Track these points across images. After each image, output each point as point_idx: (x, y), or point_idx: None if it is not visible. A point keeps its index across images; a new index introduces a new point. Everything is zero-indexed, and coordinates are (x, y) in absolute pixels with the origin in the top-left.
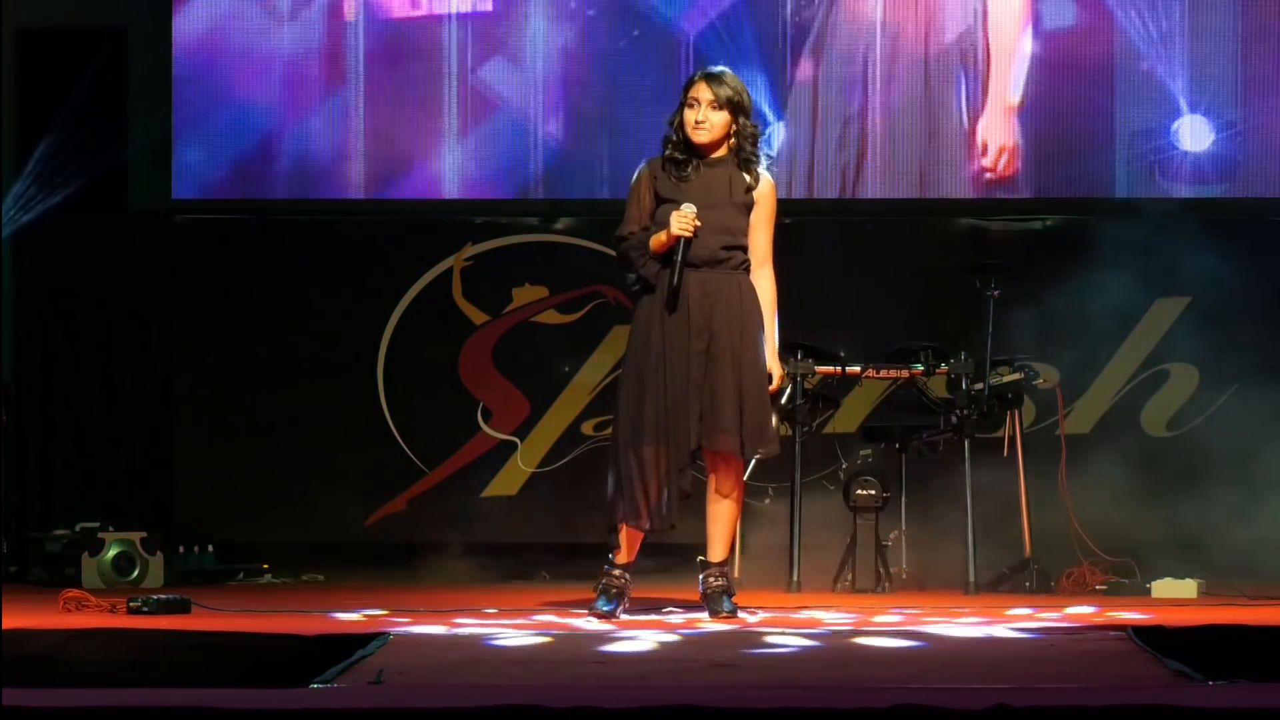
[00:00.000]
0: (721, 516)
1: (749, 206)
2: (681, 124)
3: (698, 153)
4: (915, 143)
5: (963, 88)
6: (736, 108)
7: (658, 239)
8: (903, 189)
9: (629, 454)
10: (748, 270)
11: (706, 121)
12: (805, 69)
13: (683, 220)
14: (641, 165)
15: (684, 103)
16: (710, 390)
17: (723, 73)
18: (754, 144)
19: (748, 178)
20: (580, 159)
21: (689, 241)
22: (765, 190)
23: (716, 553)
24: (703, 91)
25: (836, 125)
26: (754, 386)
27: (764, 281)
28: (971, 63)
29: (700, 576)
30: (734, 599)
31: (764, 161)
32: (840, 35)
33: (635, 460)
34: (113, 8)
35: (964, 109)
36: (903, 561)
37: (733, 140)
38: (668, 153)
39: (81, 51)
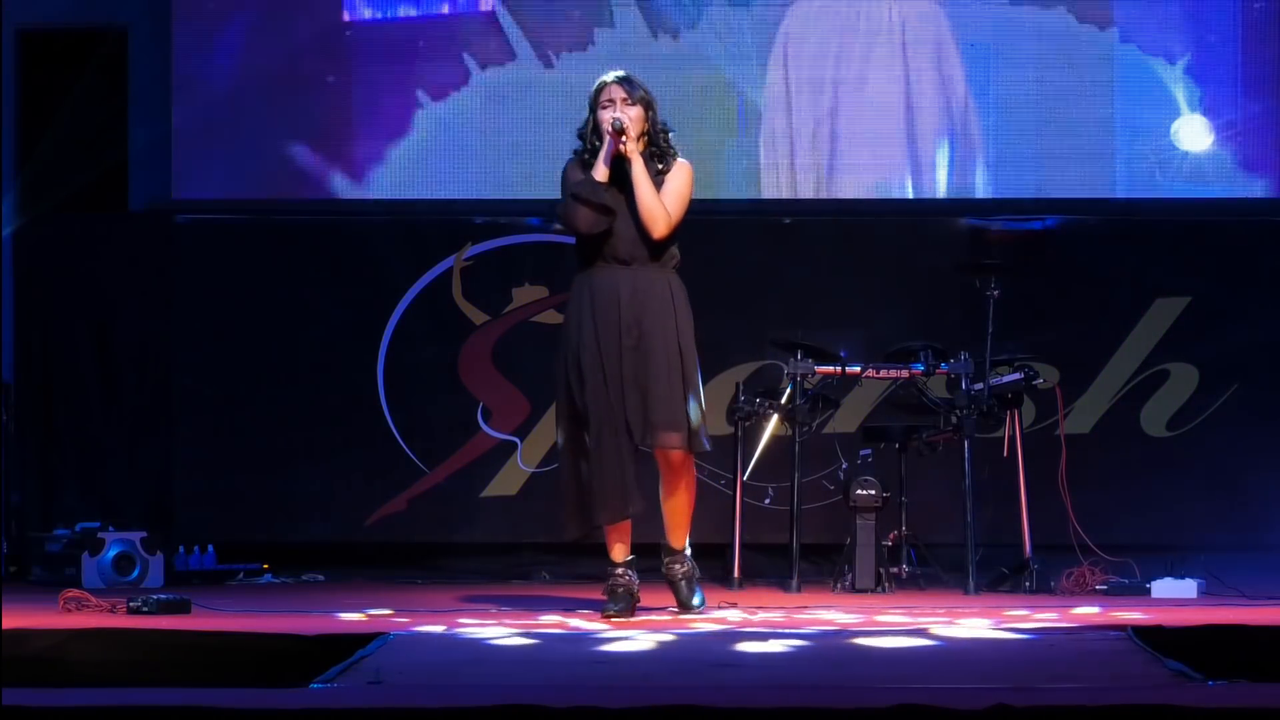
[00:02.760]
0: (676, 509)
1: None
2: (595, 127)
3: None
4: (920, 142)
5: (963, 87)
6: (648, 105)
7: (598, 168)
8: (904, 190)
9: (576, 454)
10: (678, 267)
11: (624, 118)
12: (804, 69)
13: (606, 123)
14: (568, 160)
15: (596, 106)
16: (642, 386)
17: (628, 74)
18: (667, 138)
19: (660, 165)
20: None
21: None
22: (676, 167)
23: (677, 540)
24: (616, 92)
25: (829, 125)
26: (686, 386)
27: None
28: (971, 62)
29: (664, 561)
30: (700, 585)
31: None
32: (840, 33)
33: (593, 457)
34: (113, 8)
35: (964, 108)
36: (903, 561)
37: (645, 138)
38: (585, 159)
39: (81, 51)
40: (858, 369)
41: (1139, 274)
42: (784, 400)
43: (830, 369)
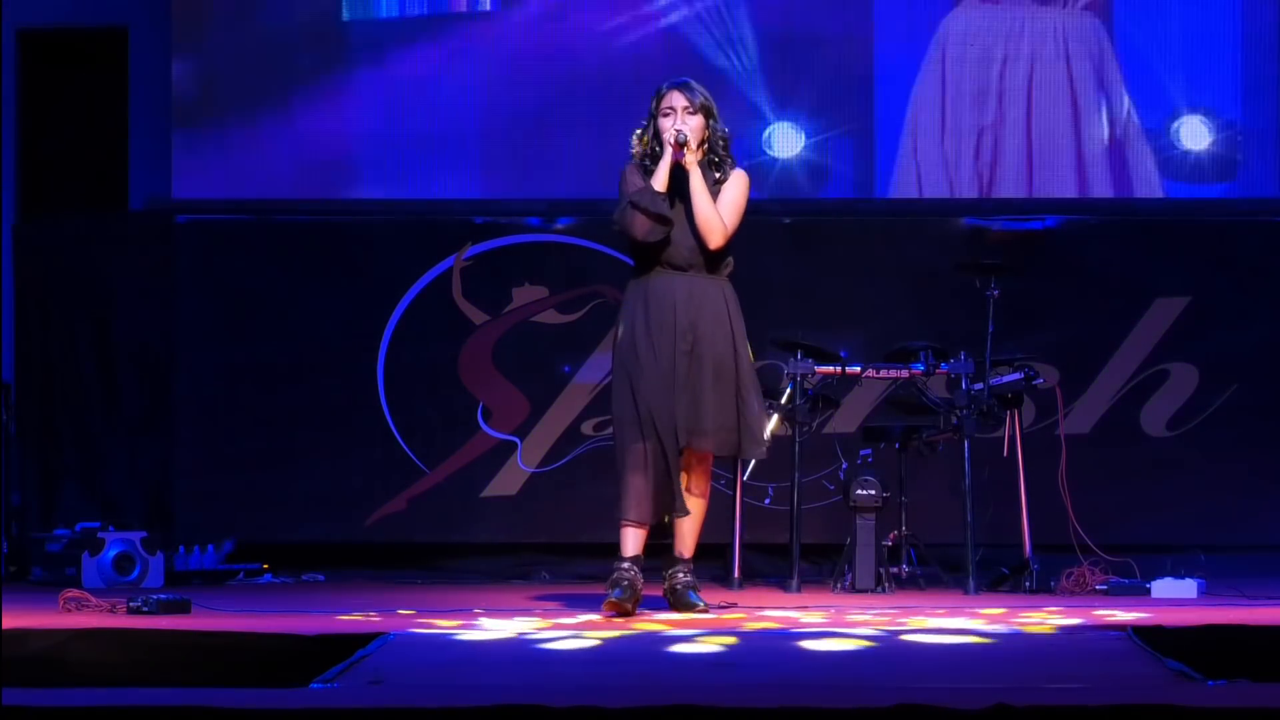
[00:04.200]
0: (692, 517)
1: None
2: (656, 134)
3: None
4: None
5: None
6: (709, 112)
7: (658, 178)
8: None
9: (624, 451)
10: (731, 275)
11: (685, 127)
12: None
13: (669, 134)
14: (626, 163)
15: (657, 113)
16: (693, 391)
17: (690, 80)
18: (725, 146)
19: (718, 175)
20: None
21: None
22: (733, 177)
23: (687, 549)
24: (677, 99)
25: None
26: (745, 390)
27: None
28: (971, 62)
29: (668, 572)
30: (699, 593)
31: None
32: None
33: (631, 456)
34: (113, 8)
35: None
36: (903, 561)
37: (705, 145)
38: (645, 164)
39: (81, 51)
40: (858, 369)
41: (1139, 274)
42: (784, 400)
43: (830, 369)
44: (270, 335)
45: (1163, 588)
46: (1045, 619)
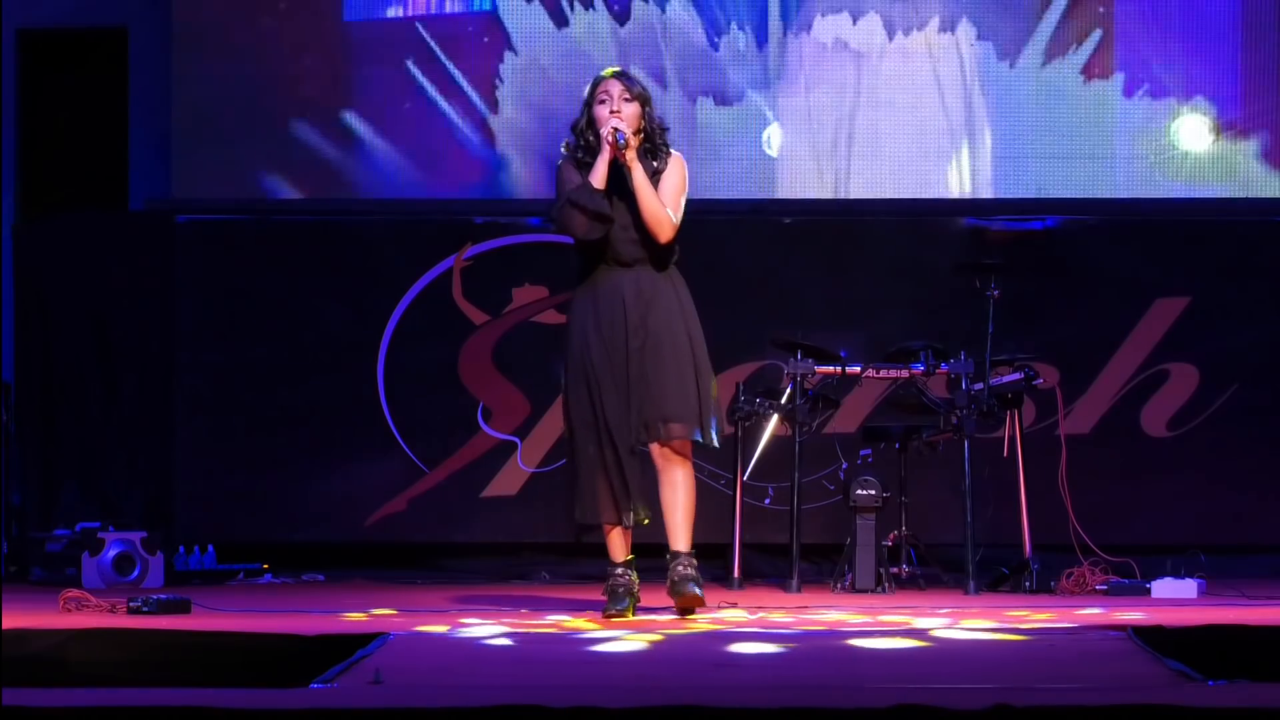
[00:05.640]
0: (678, 506)
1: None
2: (590, 122)
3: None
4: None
5: (959, 85)
6: (645, 101)
7: (596, 174)
8: (903, 189)
9: (584, 455)
10: (677, 261)
11: (621, 113)
12: (806, 68)
13: (606, 130)
14: (561, 159)
15: (593, 101)
16: (650, 384)
17: (627, 69)
18: (663, 135)
19: (656, 163)
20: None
21: (621, 143)
22: (671, 163)
23: (681, 542)
24: (613, 86)
25: (831, 125)
26: (701, 377)
27: None
28: (967, 61)
29: (670, 566)
30: (702, 586)
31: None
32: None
33: (593, 460)
34: (113, 8)
35: (957, 108)
36: (903, 561)
37: (641, 134)
38: (579, 156)
39: (81, 51)
40: (858, 369)
41: (1139, 274)
42: (784, 400)
43: (830, 369)
44: (270, 335)
45: (1163, 588)
46: (1045, 619)
